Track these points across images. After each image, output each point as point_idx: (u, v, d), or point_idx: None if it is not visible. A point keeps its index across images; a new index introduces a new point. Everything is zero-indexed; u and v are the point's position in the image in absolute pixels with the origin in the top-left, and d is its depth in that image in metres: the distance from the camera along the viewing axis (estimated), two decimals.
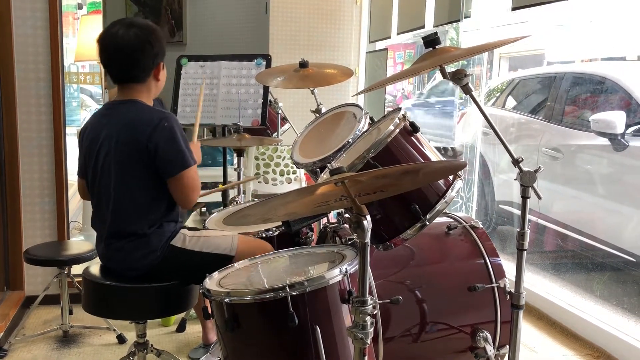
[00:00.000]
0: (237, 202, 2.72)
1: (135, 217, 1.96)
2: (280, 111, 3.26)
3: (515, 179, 1.63)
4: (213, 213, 2.57)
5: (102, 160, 1.97)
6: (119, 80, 2.02)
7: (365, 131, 2.02)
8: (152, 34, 1.97)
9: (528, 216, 1.68)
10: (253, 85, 2.95)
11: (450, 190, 1.70)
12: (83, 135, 2.06)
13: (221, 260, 1.95)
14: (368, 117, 2.12)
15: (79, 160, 2.11)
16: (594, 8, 5.09)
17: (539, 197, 1.61)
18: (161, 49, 2.01)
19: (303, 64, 2.56)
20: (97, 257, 2.14)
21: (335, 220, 2.18)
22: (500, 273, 1.99)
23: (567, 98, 4.16)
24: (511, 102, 5.01)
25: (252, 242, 2.10)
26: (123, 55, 1.96)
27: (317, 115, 2.56)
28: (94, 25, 4.92)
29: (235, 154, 2.86)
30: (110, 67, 2.01)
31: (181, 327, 2.93)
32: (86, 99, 8.73)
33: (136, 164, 1.94)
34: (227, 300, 1.51)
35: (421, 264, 2.04)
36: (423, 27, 3.31)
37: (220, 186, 2.82)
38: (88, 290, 2.05)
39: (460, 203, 4.82)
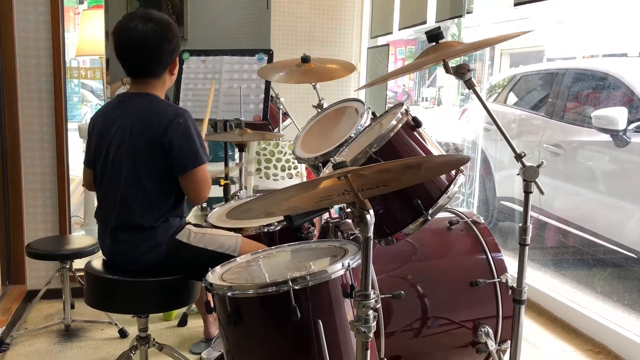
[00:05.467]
0: (238, 197, 2.72)
1: (143, 210, 1.96)
2: (281, 106, 3.26)
3: (517, 174, 1.63)
4: (214, 208, 2.57)
5: (113, 152, 1.97)
6: (135, 75, 2.01)
7: (368, 126, 2.02)
8: (169, 29, 1.96)
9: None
10: (255, 80, 2.95)
11: (452, 186, 1.70)
12: (94, 126, 2.05)
13: (223, 259, 1.95)
14: (370, 112, 2.12)
15: (86, 150, 2.10)
16: (595, 5, 5.09)
17: (542, 192, 1.61)
18: (177, 44, 2.00)
19: (305, 59, 2.56)
20: (99, 252, 2.14)
21: (337, 215, 2.18)
22: (501, 268, 1.98)
23: (568, 94, 4.16)
24: (512, 98, 5.00)
25: (256, 246, 2.10)
26: (141, 50, 1.94)
27: (319, 110, 2.56)
28: (95, 20, 4.90)
29: (237, 149, 2.86)
30: (126, 62, 1.99)
31: (183, 322, 2.94)
32: (87, 94, 8.73)
33: (148, 158, 1.93)
34: (229, 294, 1.52)
35: (423, 259, 2.04)
36: (425, 22, 3.30)
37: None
38: (90, 284, 2.06)
39: (462, 199, 4.82)
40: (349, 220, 2.06)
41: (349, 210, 1.33)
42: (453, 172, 1.72)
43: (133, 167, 1.94)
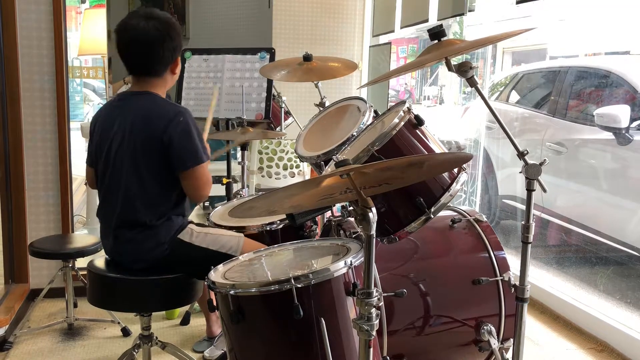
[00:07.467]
0: (241, 196, 2.72)
1: (145, 208, 1.96)
2: (283, 105, 3.26)
3: (520, 172, 1.63)
4: (217, 207, 2.57)
5: (114, 150, 1.97)
6: (136, 73, 2.01)
7: (370, 124, 2.02)
8: (172, 27, 1.96)
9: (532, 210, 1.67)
10: (257, 78, 2.95)
11: (455, 184, 1.70)
12: (95, 125, 2.06)
13: (225, 260, 1.95)
14: (372, 110, 2.12)
15: (89, 150, 2.11)
16: (597, 3, 5.08)
17: (544, 190, 1.61)
18: (179, 43, 2.00)
19: (307, 57, 2.56)
20: (102, 250, 2.15)
21: (339, 214, 2.18)
22: (504, 266, 1.98)
23: (571, 92, 4.15)
24: (515, 96, 4.99)
25: (257, 246, 2.09)
26: (143, 48, 1.94)
27: (321, 108, 2.56)
28: (97, 20, 4.91)
29: (239, 148, 2.86)
30: (128, 59, 1.99)
31: (185, 320, 2.94)
32: (89, 93, 8.75)
33: (149, 156, 1.94)
34: (232, 292, 1.51)
35: (425, 257, 2.04)
36: (427, 21, 3.30)
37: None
38: (93, 282, 2.06)
39: (464, 197, 4.82)
40: (351, 219, 2.06)
41: (351, 208, 1.33)
42: (455, 170, 1.72)
43: (134, 166, 1.94)
